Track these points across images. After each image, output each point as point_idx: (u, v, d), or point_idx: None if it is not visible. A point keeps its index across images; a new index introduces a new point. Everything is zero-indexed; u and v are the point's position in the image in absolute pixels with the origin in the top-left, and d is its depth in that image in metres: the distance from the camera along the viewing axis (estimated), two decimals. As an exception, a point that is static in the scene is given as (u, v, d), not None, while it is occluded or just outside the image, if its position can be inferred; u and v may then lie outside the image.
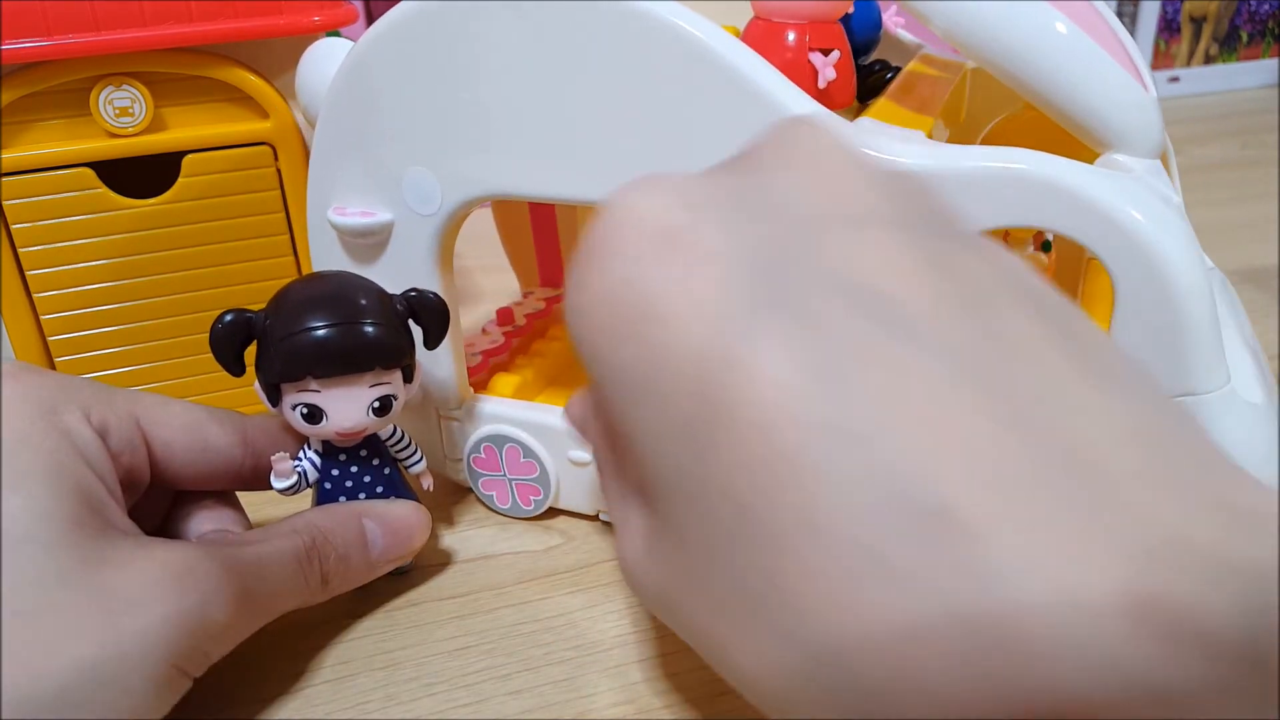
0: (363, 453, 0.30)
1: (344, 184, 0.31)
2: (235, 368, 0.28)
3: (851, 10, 0.34)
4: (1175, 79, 0.95)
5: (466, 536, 0.34)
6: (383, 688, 0.28)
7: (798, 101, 0.25)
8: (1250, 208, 0.65)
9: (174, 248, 0.38)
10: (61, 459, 0.24)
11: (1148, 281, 0.24)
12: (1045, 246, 0.37)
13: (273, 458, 0.28)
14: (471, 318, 0.43)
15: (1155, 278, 0.24)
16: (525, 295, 0.45)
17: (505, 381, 0.38)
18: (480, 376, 0.37)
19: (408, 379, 0.29)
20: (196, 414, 0.28)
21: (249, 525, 0.30)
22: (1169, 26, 0.93)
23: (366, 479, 0.30)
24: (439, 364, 0.33)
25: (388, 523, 0.29)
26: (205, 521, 0.29)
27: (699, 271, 0.15)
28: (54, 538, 0.22)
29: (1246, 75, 0.96)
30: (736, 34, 0.32)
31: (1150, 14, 0.92)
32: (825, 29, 0.29)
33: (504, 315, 0.43)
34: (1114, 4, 0.92)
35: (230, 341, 0.27)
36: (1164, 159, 0.29)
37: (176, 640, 0.23)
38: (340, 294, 0.28)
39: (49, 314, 0.37)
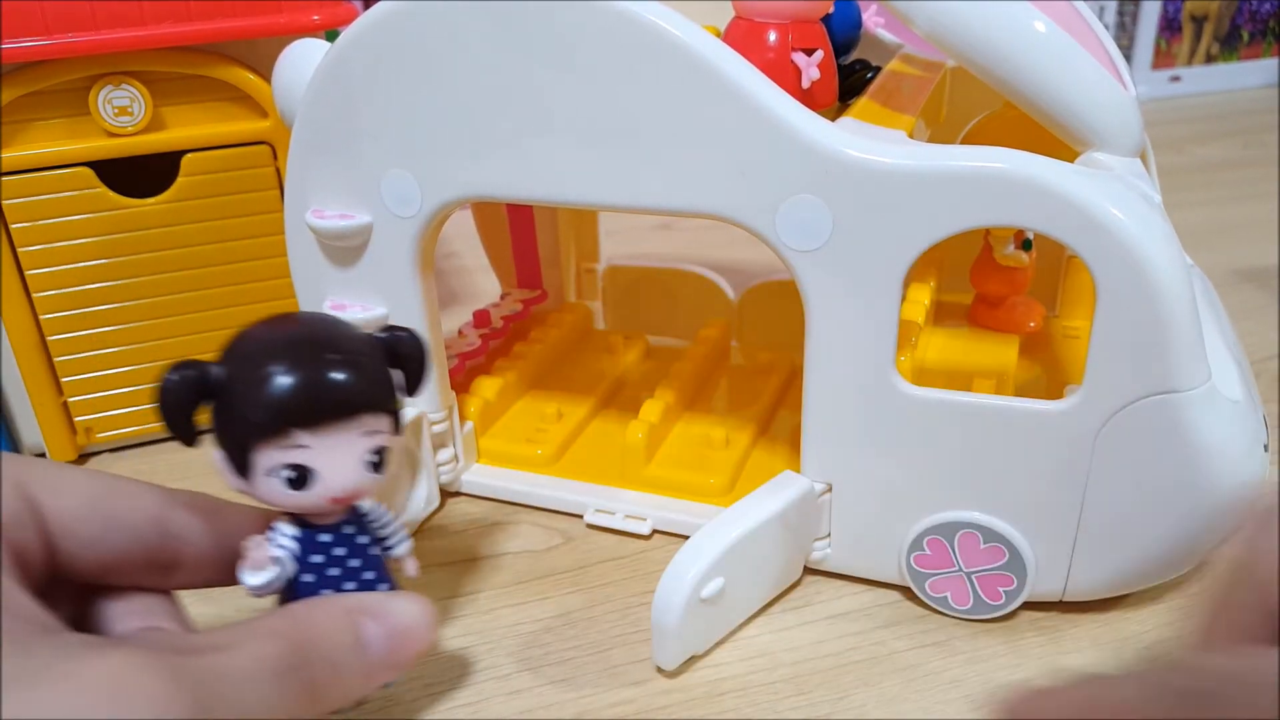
0: (346, 530, 0.24)
1: (322, 186, 0.31)
2: (189, 434, 0.22)
3: (831, 10, 0.34)
4: (1176, 78, 0.95)
5: (466, 536, 0.34)
6: (383, 688, 0.28)
7: (781, 102, 0.25)
8: (1250, 208, 0.65)
9: (173, 247, 0.38)
10: None
11: (1128, 280, 0.24)
12: (1026, 245, 0.37)
13: (246, 544, 0.23)
14: (465, 319, 0.43)
15: (1136, 276, 0.24)
16: (502, 297, 0.45)
17: (487, 385, 0.38)
18: (458, 380, 0.37)
19: (395, 429, 0.24)
20: (102, 482, 0.23)
21: (186, 620, 0.24)
22: (1170, 26, 0.93)
23: (354, 563, 0.24)
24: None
25: (390, 623, 0.23)
26: (131, 616, 0.23)
27: None
28: None
29: (1247, 75, 0.96)
30: (717, 34, 0.31)
31: (1151, 13, 0.92)
32: (807, 29, 0.29)
33: (480, 317, 0.43)
34: (1115, 3, 0.92)
35: (183, 401, 0.22)
36: (1143, 158, 0.29)
37: None
38: (314, 331, 0.23)
39: (48, 313, 0.37)
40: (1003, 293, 0.38)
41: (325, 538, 0.24)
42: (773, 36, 0.29)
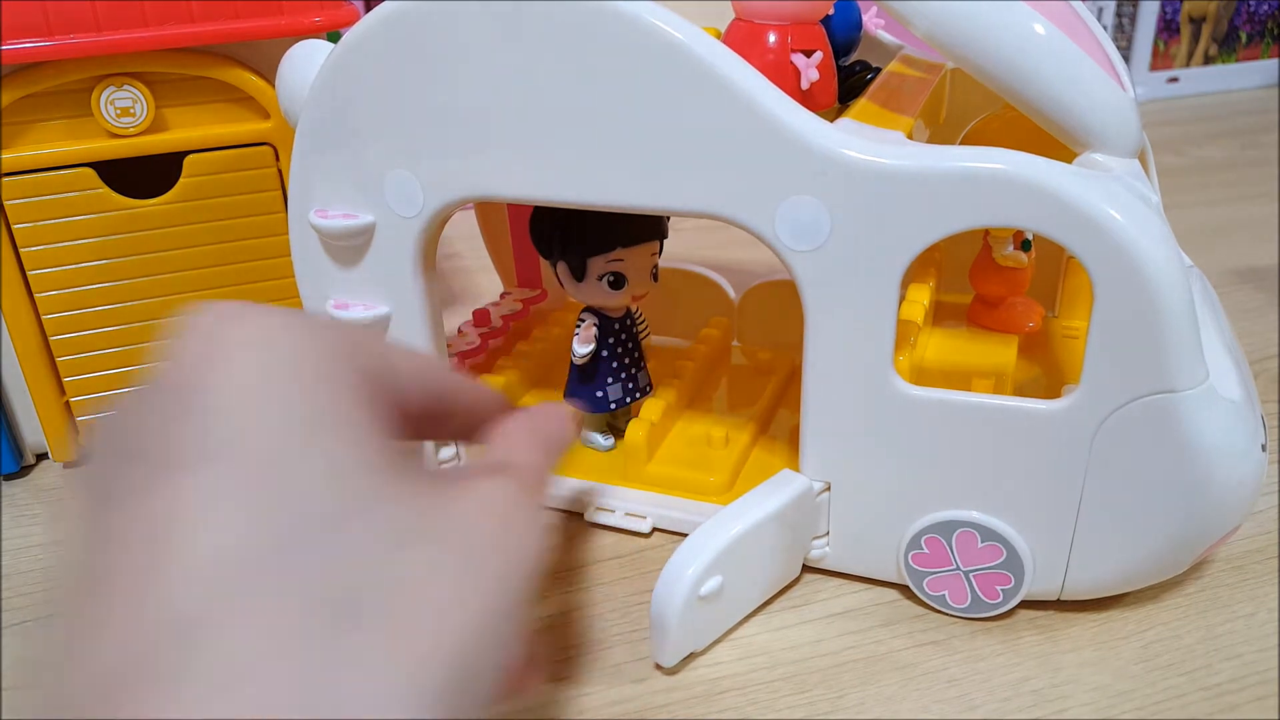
0: (626, 321, 0.35)
1: (325, 186, 0.31)
2: (550, 252, 0.33)
3: (832, 11, 0.34)
4: (1174, 79, 0.95)
5: (466, 535, 0.34)
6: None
7: (779, 103, 0.26)
8: (1249, 208, 0.65)
9: (175, 248, 0.38)
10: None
11: (1125, 280, 0.24)
12: (1025, 245, 0.37)
13: (583, 326, 0.34)
14: (466, 318, 0.43)
15: (1133, 276, 0.24)
16: (502, 296, 0.45)
17: (490, 383, 0.38)
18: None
19: (660, 251, 0.35)
20: (405, 349, 0.26)
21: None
22: (1168, 27, 0.93)
23: (630, 345, 0.35)
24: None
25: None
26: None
27: None
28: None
29: (1246, 75, 0.97)
30: (718, 36, 0.32)
31: (1149, 14, 0.92)
32: (807, 30, 0.29)
33: (480, 316, 0.43)
34: (1113, 4, 0.92)
35: (546, 227, 0.32)
36: (1142, 159, 0.29)
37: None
38: None
39: (50, 314, 0.37)
40: (1002, 293, 0.38)
41: (616, 325, 0.34)
42: (772, 38, 0.29)
